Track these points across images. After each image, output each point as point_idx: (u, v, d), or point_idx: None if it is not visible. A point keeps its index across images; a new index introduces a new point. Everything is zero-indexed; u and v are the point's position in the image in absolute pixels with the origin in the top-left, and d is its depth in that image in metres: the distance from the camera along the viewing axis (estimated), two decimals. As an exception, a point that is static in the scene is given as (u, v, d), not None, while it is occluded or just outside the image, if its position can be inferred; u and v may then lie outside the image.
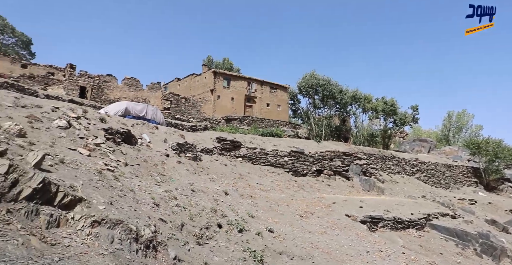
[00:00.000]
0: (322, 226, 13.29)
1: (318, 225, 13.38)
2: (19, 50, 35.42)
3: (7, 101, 12.37)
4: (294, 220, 13.21)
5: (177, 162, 15.77)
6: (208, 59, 53.79)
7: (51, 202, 6.36)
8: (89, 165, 9.96)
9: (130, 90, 33.67)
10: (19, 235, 4.66)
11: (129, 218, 6.65)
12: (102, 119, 15.87)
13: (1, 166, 5.97)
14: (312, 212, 15.01)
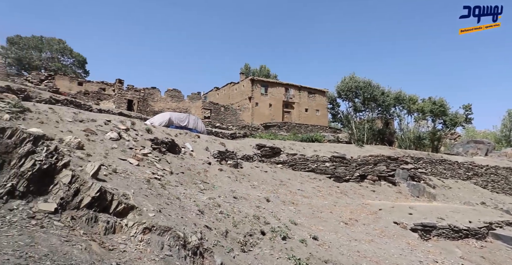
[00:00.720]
0: (368, 234, 12.75)
1: (364, 232, 12.85)
2: (76, 69, 38.94)
3: (67, 117, 13.62)
4: (339, 227, 12.83)
5: (218, 170, 16.13)
6: (246, 67, 54.73)
7: (107, 210, 6.85)
8: (138, 174, 10.57)
9: (172, 101, 35.34)
10: (82, 241, 5.07)
11: (176, 225, 6.93)
12: (148, 130, 16.80)
13: (65, 177, 6.58)
14: (357, 219, 14.47)
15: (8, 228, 4.73)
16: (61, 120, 13.10)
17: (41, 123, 11.88)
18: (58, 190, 6.43)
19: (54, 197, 6.22)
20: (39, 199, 6.01)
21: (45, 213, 5.71)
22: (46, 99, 20.54)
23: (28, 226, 5.01)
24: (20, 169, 6.18)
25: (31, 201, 5.84)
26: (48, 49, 36.25)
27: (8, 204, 5.50)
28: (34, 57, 35.10)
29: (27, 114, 12.12)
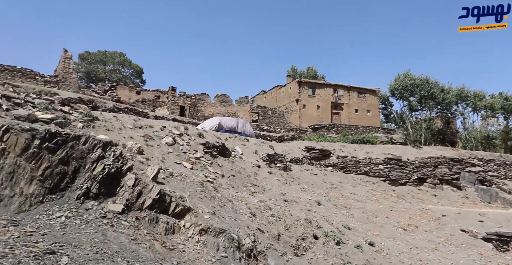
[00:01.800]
0: (432, 242, 11.82)
1: (426, 240, 11.95)
2: (134, 79, 42.24)
3: (128, 124, 14.78)
4: (397, 233, 12.10)
5: (268, 173, 16.23)
6: (292, 69, 54.50)
7: (166, 211, 7.28)
8: (192, 177, 11.06)
9: (221, 105, 36.52)
10: (146, 240, 5.45)
11: (230, 227, 7.12)
12: (200, 135, 17.52)
13: (130, 180, 7.15)
14: (417, 225, 13.51)
15: (85, 226, 5.26)
16: (123, 127, 14.25)
17: (107, 130, 13.04)
18: (124, 192, 7.00)
19: (121, 198, 6.78)
20: (109, 200, 6.60)
21: (114, 213, 6.25)
22: (110, 108, 22.52)
23: (101, 224, 5.52)
24: (93, 172, 6.86)
25: (102, 202, 6.44)
26: (111, 62, 39.90)
27: (84, 204, 6.13)
28: (99, 70, 38.82)
29: (96, 122, 13.39)
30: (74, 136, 7.15)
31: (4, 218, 4.94)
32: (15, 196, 5.60)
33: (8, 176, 5.75)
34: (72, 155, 6.90)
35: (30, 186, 5.96)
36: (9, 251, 3.35)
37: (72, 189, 6.49)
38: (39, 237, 4.47)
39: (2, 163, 5.77)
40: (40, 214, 5.49)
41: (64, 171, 6.66)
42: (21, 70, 26.49)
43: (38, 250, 3.61)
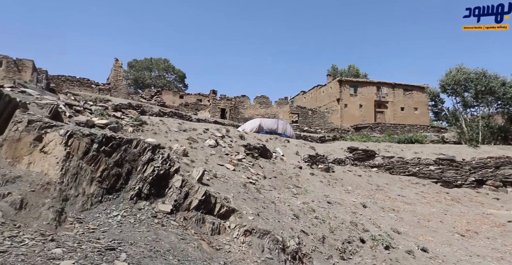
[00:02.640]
0: (496, 250, 10.81)
1: (489, 248, 10.95)
2: (177, 84, 44.16)
3: (174, 127, 15.47)
4: (453, 239, 11.25)
5: (310, 174, 16.01)
6: (333, 68, 53.18)
7: (211, 212, 7.49)
8: (235, 179, 11.26)
9: (261, 107, 36.79)
10: (194, 239, 5.66)
11: (274, 229, 7.13)
12: (241, 136, 17.79)
13: (177, 181, 7.47)
14: (477, 231, 12.44)
15: (139, 225, 5.60)
16: (169, 130, 14.93)
17: (155, 134, 13.76)
18: (172, 193, 7.33)
19: (169, 199, 7.12)
20: (158, 201, 6.96)
21: (164, 213, 6.58)
22: (156, 112, 23.75)
23: (152, 224, 5.84)
24: (144, 174, 7.28)
25: (153, 202, 6.81)
26: (156, 68, 42.15)
27: (137, 204, 6.53)
28: (146, 76, 41.21)
29: (144, 126, 14.20)
30: (127, 140, 7.65)
31: (70, 215, 5.42)
32: (79, 196, 6.12)
33: (72, 177, 6.31)
34: (125, 157, 7.39)
35: (91, 186, 6.48)
36: (77, 246, 3.67)
37: (126, 190, 6.94)
38: (100, 234, 4.84)
39: (67, 166, 6.34)
40: (100, 213, 5.94)
41: (118, 173, 7.16)
42: (80, 79, 28.99)
43: (100, 246, 3.91)
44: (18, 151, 6.54)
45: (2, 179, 5.53)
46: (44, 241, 3.68)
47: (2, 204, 4.82)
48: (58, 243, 3.68)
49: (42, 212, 5.15)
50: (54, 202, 5.57)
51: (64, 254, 3.30)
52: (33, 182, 5.71)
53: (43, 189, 5.76)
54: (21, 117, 6.87)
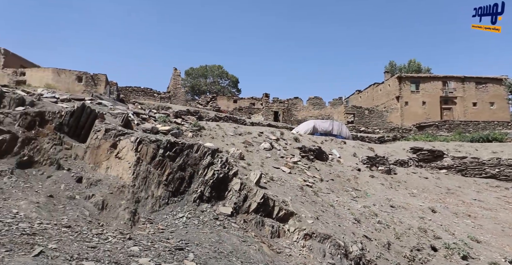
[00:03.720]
0: None
1: None
2: (230, 89, 45.65)
3: (229, 131, 15.96)
4: (546, 252, 9.76)
5: (369, 176, 15.25)
6: (391, 64, 50.07)
7: (270, 215, 7.55)
8: (291, 182, 11.20)
9: (314, 108, 36.17)
10: (255, 242, 5.76)
11: (335, 233, 6.92)
12: (296, 139, 17.66)
13: (236, 184, 7.69)
14: None
15: (202, 226, 5.88)
16: (225, 134, 15.45)
17: (212, 138, 14.33)
18: (231, 196, 7.56)
19: (229, 202, 7.35)
20: (219, 203, 7.23)
21: (225, 215, 6.81)
22: (212, 117, 24.75)
23: (214, 225, 6.08)
24: (205, 177, 7.63)
25: (214, 205, 7.09)
26: (211, 75, 44.12)
27: (199, 207, 6.86)
28: (201, 83, 43.33)
29: (202, 131, 14.89)
30: (188, 145, 8.10)
31: (142, 216, 5.90)
32: (148, 198, 6.64)
33: (142, 180, 6.87)
34: (187, 162, 7.83)
35: (158, 189, 6.99)
36: (151, 245, 3.99)
37: (189, 193, 7.34)
38: (168, 234, 5.18)
39: (138, 170, 6.92)
40: (167, 214, 6.36)
41: (182, 177, 7.60)
42: (144, 89, 31.58)
43: (170, 246, 4.18)
44: (98, 157, 7.34)
45: (87, 182, 6.25)
46: (124, 239, 4.06)
47: (88, 205, 5.44)
48: (135, 242, 4.03)
49: (119, 212, 5.69)
50: (128, 204, 6.11)
51: (141, 252, 3.61)
52: (111, 185, 6.34)
53: (119, 191, 6.36)
54: (99, 127, 7.70)
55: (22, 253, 2.69)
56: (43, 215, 4.44)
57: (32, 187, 5.63)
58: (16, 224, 3.61)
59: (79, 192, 5.96)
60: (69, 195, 5.74)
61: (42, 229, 3.65)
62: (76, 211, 5.13)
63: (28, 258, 2.62)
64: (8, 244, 2.85)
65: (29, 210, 4.35)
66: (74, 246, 3.27)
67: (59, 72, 24.82)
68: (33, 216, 4.19)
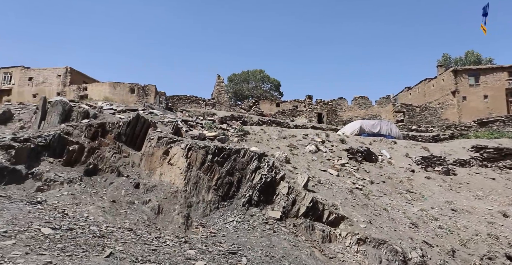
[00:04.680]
0: None
1: None
2: (272, 93, 45.80)
3: (274, 135, 16.00)
4: None
5: (425, 178, 14.27)
6: (444, 58, 46.20)
7: (320, 219, 7.39)
8: (340, 184, 10.87)
9: (360, 108, 34.81)
10: (306, 246, 5.67)
11: (391, 238, 6.56)
12: (342, 140, 17.14)
13: (284, 188, 7.66)
14: None
15: (252, 230, 5.93)
16: (270, 138, 15.51)
17: (257, 142, 14.47)
18: (279, 200, 7.55)
19: (278, 206, 7.34)
20: (268, 207, 7.25)
21: (274, 219, 6.81)
22: (256, 122, 25.00)
23: (264, 230, 6.10)
24: (252, 182, 7.72)
25: (263, 209, 7.13)
26: (252, 79, 44.69)
27: (248, 211, 6.95)
28: (244, 88, 44.11)
29: (247, 135, 15.12)
30: (235, 150, 8.26)
31: (195, 220, 6.13)
32: (200, 203, 6.88)
33: (193, 186, 7.14)
34: (235, 166, 7.99)
35: (208, 194, 7.22)
36: (205, 248, 4.12)
37: (238, 197, 7.47)
38: (220, 238, 5.31)
39: (189, 175, 7.22)
40: (218, 218, 6.52)
41: (230, 181, 7.77)
42: (190, 97, 32.99)
43: (223, 250, 4.28)
44: (152, 163, 7.80)
45: (144, 188, 6.66)
46: (180, 242, 4.25)
47: (145, 209, 5.79)
48: (190, 245, 4.19)
49: (174, 216, 5.97)
50: (182, 208, 6.39)
51: (197, 255, 3.74)
52: (165, 191, 6.69)
53: (173, 196, 6.68)
54: (152, 135, 8.19)
55: (95, 254, 2.96)
56: (109, 219, 4.82)
57: (98, 193, 6.14)
58: (88, 227, 3.98)
59: (137, 198, 6.36)
60: (129, 200, 6.17)
61: (109, 232, 3.97)
62: (135, 215, 5.48)
63: (101, 259, 2.87)
64: (84, 245, 3.16)
65: (96, 214, 4.76)
66: (137, 248, 3.50)
67: (114, 85, 26.93)
68: (100, 219, 4.58)
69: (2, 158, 6.07)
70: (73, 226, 3.91)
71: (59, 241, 3.16)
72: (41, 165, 6.47)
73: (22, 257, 2.48)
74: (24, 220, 3.73)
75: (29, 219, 3.85)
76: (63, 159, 7.03)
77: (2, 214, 3.78)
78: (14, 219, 3.65)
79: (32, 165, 6.45)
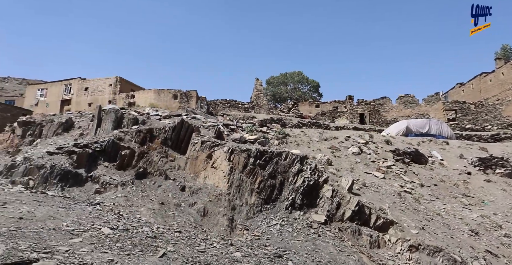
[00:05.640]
0: None
1: None
2: (311, 94, 45.14)
3: (315, 137, 15.74)
4: None
5: (484, 181, 13.10)
6: (504, 49, 41.69)
7: (367, 224, 7.09)
8: (386, 187, 10.37)
9: (405, 107, 32.97)
10: (353, 252, 5.47)
11: (447, 246, 6.10)
12: (388, 141, 16.36)
13: (327, 191, 7.49)
14: None
15: (296, 234, 5.86)
16: (310, 140, 15.27)
17: (298, 145, 14.32)
18: (323, 203, 7.38)
19: (322, 209, 7.17)
20: (311, 211, 7.12)
21: (318, 223, 6.67)
22: (295, 124, 24.77)
23: (309, 233, 6.00)
24: (295, 185, 7.64)
25: (306, 212, 7.02)
26: (291, 81, 44.44)
27: (292, 214, 6.88)
28: (282, 90, 43.99)
29: (287, 138, 15.03)
30: (277, 153, 8.26)
31: (239, 223, 6.20)
32: (243, 206, 6.96)
33: (236, 189, 7.25)
34: (277, 169, 7.98)
35: (251, 197, 7.27)
36: (251, 251, 4.15)
37: (281, 200, 7.43)
38: (265, 241, 5.31)
39: (232, 178, 7.34)
40: (261, 221, 6.54)
41: (272, 184, 7.76)
42: (229, 101, 33.69)
43: (269, 253, 4.28)
44: (197, 167, 8.06)
45: (189, 191, 6.90)
46: (226, 245, 4.32)
47: (192, 211, 5.98)
48: (236, 248, 4.25)
49: (219, 219, 6.09)
50: (226, 211, 6.51)
51: (243, 258, 3.78)
52: (209, 193, 6.86)
53: (217, 199, 6.84)
54: (196, 139, 8.47)
55: (150, 254, 3.12)
56: (158, 220, 5.06)
57: (148, 195, 6.48)
58: (141, 227, 4.22)
59: (184, 200, 6.60)
60: (176, 202, 6.42)
61: (160, 233, 4.17)
62: (183, 217, 5.69)
63: (156, 258, 3.03)
64: (139, 245, 3.35)
65: (148, 216, 5.02)
66: (187, 249, 3.63)
67: (159, 92, 28.36)
68: (151, 221, 4.82)
69: (66, 163, 6.66)
70: (128, 227, 4.16)
71: (118, 241, 3.39)
72: (98, 169, 6.98)
73: (89, 254, 2.71)
74: (86, 220, 4.07)
75: (90, 219, 4.18)
76: (116, 163, 7.54)
77: (69, 214, 4.16)
78: (78, 219, 3.99)
79: (91, 169, 7.00)
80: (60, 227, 3.43)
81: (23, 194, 5.00)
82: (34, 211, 3.85)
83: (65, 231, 3.32)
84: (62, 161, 6.72)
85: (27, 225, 3.29)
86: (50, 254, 2.52)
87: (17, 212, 3.70)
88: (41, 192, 5.52)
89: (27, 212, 3.74)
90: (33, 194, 5.13)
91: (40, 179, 6.35)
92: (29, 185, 6.14)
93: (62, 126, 11.05)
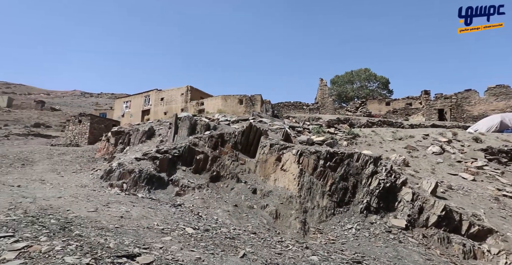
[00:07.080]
0: None
1: None
2: (380, 91, 42.41)
3: (387, 136, 14.73)
4: None
5: None
6: None
7: (457, 231, 6.34)
8: (478, 191, 9.18)
9: (497, 100, 28.73)
10: (443, 261, 4.94)
11: None
12: (476, 139, 14.49)
13: (407, 194, 6.92)
14: None
15: (374, 239, 5.53)
16: (383, 140, 14.33)
17: (368, 145, 13.56)
18: (403, 207, 6.83)
19: (401, 213, 6.65)
20: (389, 215, 6.65)
21: (398, 228, 6.19)
22: (364, 123, 23.50)
23: (388, 239, 5.61)
24: (369, 187, 7.23)
25: (383, 217, 6.58)
26: (357, 79, 42.43)
27: (368, 218, 6.52)
28: (348, 89, 42.25)
29: (357, 138, 14.34)
30: (348, 154, 7.93)
31: (312, 226, 6.11)
32: (315, 208, 6.83)
33: (307, 191, 7.16)
34: (349, 171, 7.65)
35: (323, 200, 7.10)
36: (327, 256, 4.04)
37: (354, 203, 7.10)
38: (341, 246, 5.13)
39: (302, 181, 7.28)
40: (335, 225, 6.34)
41: (345, 187, 7.47)
42: (293, 103, 33.60)
43: (347, 258, 4.12)
44: (266, 170, 8.19)
45: (260, 193, 7.04)
46: (301, 248, 4.29)
47: (264, 214, 6.08)
48: (312, 251, 4.18)
49: (291, 222, 6.08)
50: (298, 213, 6.46)
51: (320, 261, 3.70)
52: (280, 196, 6.90)
53: (288, 202, 6.83)
54: (265, 142, 8.62)
55: (231, 254, 3.27)
56: (234, 222, 5.26)
57: (222, 197, 6.80)
58: (219, 228, 4.44)
59: (256, 202, 6.75)
60: (248, 205, 6.60)
61: (236, 234, 4.33)
62: (256, 219, 5.82)
63: (237, 258, 3.16)
64: (220, 245, 3.54)
65: (224, 217, 5.26)
66: (264, 251, 3.70)
67: (226, 98, 29.70)
68: (227, 222, 5.04)
69: (151, 167, 7.39)
70: (208, 227, 4.42)
71: (201, 240, 3.63)
72: (177, 173, 7.58)
73: (179, 252, 2.96)
74: (172, 220, 4.44)
75: (175, 219, 4.56)
76: (192, 167, 8.09)
77: (157, 214, 4.60)
78: (165, 219, 4.39)
79: (171, 172, 7.63)
80: (152, 226, 3.82)
81: (119, 195, 5.68)
82: (130, 211, 4.35)
83: (156, 229, 3.69)
84: (148, 166, 7.47)
85: (126, 223, 3.74)
86: (148, 250, 2.82)
87: (118, 211, 4.23)
88: (133, 194, 6.21)
89: (125, 211, 4.25)
90: (127, 196, 5.81)
91: (131, 182, 7.15)
92: (123, 187, 6.96)
93: (146, 134, 12.29)
